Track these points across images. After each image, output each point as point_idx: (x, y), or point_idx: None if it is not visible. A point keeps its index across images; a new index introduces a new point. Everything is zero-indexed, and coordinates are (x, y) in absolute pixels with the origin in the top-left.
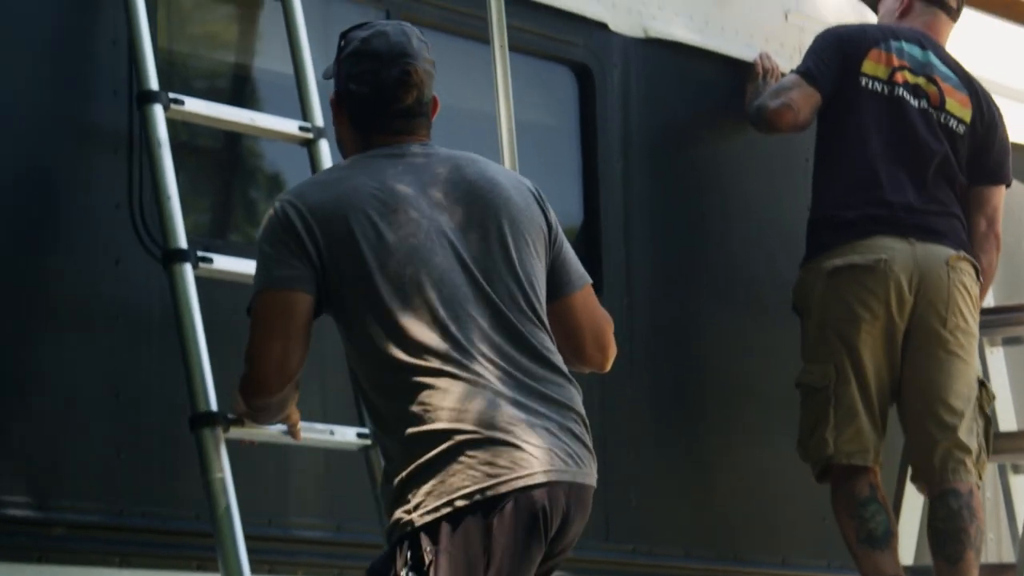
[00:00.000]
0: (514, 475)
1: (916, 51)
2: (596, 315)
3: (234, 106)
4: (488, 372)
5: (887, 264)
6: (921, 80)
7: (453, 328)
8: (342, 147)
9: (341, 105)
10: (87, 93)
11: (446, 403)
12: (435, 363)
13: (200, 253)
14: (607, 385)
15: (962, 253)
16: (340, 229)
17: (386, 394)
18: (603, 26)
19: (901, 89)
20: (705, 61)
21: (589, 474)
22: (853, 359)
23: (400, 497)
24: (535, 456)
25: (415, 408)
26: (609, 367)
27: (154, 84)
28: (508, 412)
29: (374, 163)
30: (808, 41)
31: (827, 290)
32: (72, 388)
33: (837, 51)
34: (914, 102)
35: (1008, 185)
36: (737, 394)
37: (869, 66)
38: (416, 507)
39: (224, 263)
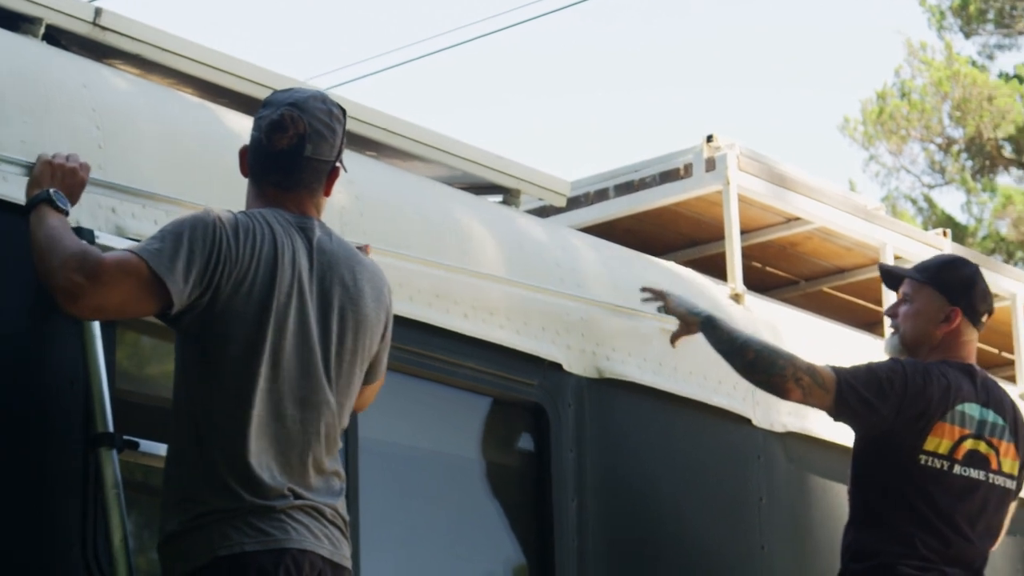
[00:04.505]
0: (280, 538)
1: (976, 410)
2: (370, 400)
3: None
4: (286, 459)
5: None
6: (981, 445)
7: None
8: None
9: (245, 156)
10: (43, 433)
11: (246, 467)
12: (256, 432)
13: None
14: None
15: None
16: (251, 281)
17: (211, 427)
18: (557, 366)
19: (959, 466)
20: (658, 400)
21: (342, 555)
22: None
23: (180, 531)
24: (295, 529)
25: (229, 457)
26: None
27: (108, 427)
28: (286, 502)
29: (288, 232)
30: None
31: None
32: None
33: (897, 406)
34: (975, 474)
35: None
36: None
37: (932, 443)
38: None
39: None
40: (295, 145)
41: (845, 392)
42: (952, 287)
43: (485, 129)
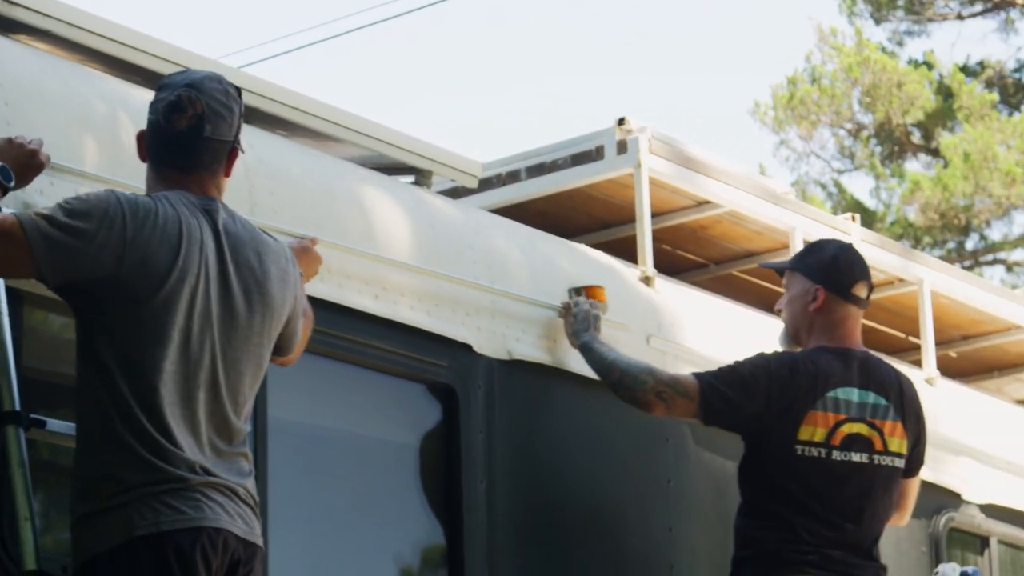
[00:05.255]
0: (195, 516)
1: (853, 394)
2: (298, 354)
3: None
4: (194, 439)
5: None
6: (863, 428)
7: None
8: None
9: (143, 140)
10: None
11: (155, 442)
12: (163, 412)
13: None
14: None
15: None
16: (154, 263)
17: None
18: (467, 348)
19: (839, 452)
20: (568, 382)
21: (255, 534)
22: None
23: (95, 512)
24: (211, 508)
25: (138, 435)
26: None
27: (15, 405)
28: (200, 477)
29: (194, 215)
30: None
31: None
32: None
33: (765, 400)
34: (857, 457)
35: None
36: None
37: (806, 432)
38: (109, 527)
39: None
40: (194, 126)
41: (708, 396)
42: (814, 267)
43: (398, 111)
